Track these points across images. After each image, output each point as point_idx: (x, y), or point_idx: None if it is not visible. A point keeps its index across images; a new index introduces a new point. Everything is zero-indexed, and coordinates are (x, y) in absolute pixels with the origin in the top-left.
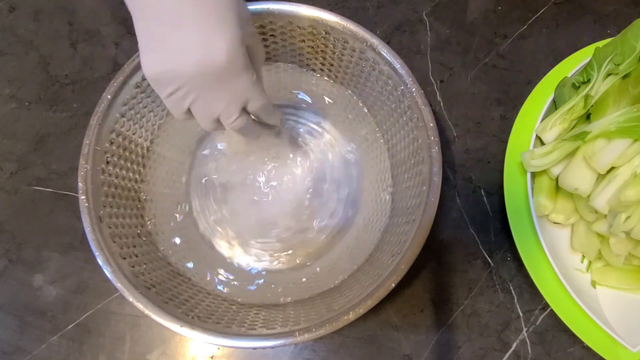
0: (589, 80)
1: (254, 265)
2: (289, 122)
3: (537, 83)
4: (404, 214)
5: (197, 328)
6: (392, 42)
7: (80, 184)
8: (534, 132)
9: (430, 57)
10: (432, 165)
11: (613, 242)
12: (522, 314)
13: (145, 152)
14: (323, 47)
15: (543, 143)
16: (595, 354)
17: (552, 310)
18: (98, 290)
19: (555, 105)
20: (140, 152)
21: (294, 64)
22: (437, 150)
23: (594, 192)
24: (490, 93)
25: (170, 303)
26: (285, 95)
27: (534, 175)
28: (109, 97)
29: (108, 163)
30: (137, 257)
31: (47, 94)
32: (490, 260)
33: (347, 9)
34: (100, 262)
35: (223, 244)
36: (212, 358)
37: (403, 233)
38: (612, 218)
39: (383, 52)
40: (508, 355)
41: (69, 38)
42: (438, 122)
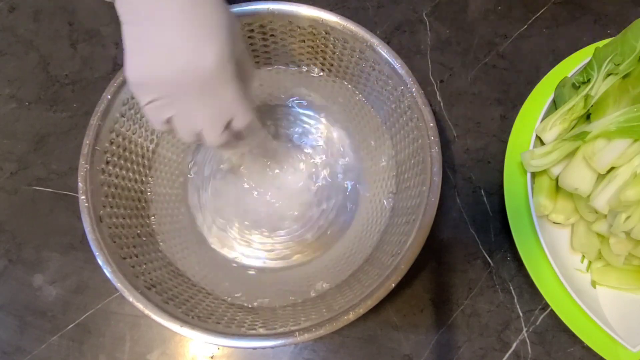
0: (589, 80)
1: (254, 265)
2: (289, 122)
3: (537, 83)
4: (404, 214)
5: (197, 328)
6: (392, 42)
7: (80, 184)
8: (534, 132)
9: (430, 57)
10: (432, 165)
11: (613, 242)
12: (522, 314)
13: (145, 151)
14: (323, 47)
15: (543, 143)
16: (595, 354)
17: (552, 310)
18: (98, 290)
19: (555, 105)
20: (140, 152)
21: (294, 64)
22: (437, 150)
23: (594, 192)
24: (490, 93)
25: (170, 303)
26: (285, 95)
27: (534, 175)
28: (109, 97)
29: (108, 163)
30: (137, 257)
31: (47, 94)
32: (490, 260)
33: (347, 9)
34: (100, 262)
35: (223, 244)
36: (212, 358)
37: (403, 233)
38: (612, 218)
39: (383, 52)
40: (508, 355)
41: (69, 38)
42: (438, 122)
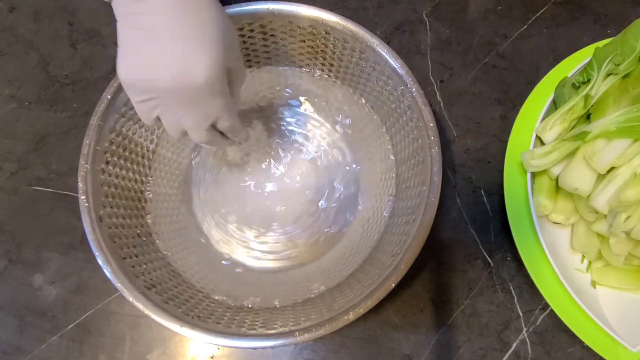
0: (589, 80)
1: (254, 265)
2: (289, 122)
3: (537, 83)
4: (404, 214)
5: (197, 328)
6: (392, 42)
7: (80, 184)
8: (534, 132)
9: (430, 57)
10: (432, 165)
11: (613, 242)
12: (522, 314)
13: (145, 151)
14: (323, 47)
15: (543, 143)
16: (595, 354)
17: (552, 310)
18: (98, 290)
19: (555, 105)
20: (140, 151)
21: (294, 64)
22: (437, 150)
23: (594, 192)
24: (490, 93)
25: (171, 303)
26: (285, 95)
27: (534, 175)
28: (109, 97)
29: (108, 163)
30: (137, 257)
31: (47, 94)
32: (490, 260)
33: (347, 9)
34: (100, 262)
35: (223, 244)
36: (212, 358)
37: (403, 233)
38: (612, 218)
39: (383, 52)
40: (508, 355)
41: (69, 38)
42: (438, 122)
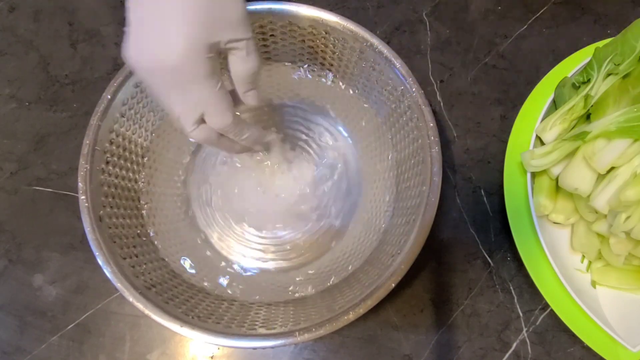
0: (589, 80)
1: (254, 265)
2: (288, 122)
3: (537, 83)
4: (404, 214)
5: (197, 328)
6: (392, 42)
7: (80, 184)
8: (534, 132)
9: (430, 57)
10: (432, 165)
11: (613, 242)
12: (522, 314)
13: (145, 152)
14: (323, 47)
15: (543, 143)
16: (595, 354)
17: (552, 310)
18: (98, 290)
19: (555, 105)
20: (140, 152)
21: (294, 64)
22: (437, 150)
23: (594, 192)
24: (490, 93)
25: (171, 303)
26: (285, 95)
27: (534, 175)
28: (109, 97)
29: (108, 163)
30: (137, 257)
31: (47, 94)
32: (490, 260)
33: (347, 9)
34: (100, 262)
35: (223, 243)
36: (212, 358)
37: (403, 233)
38: (612, 218)
39: (383, 52)
40: (508, 355)
41: (69, 38)
42: (438, 122)
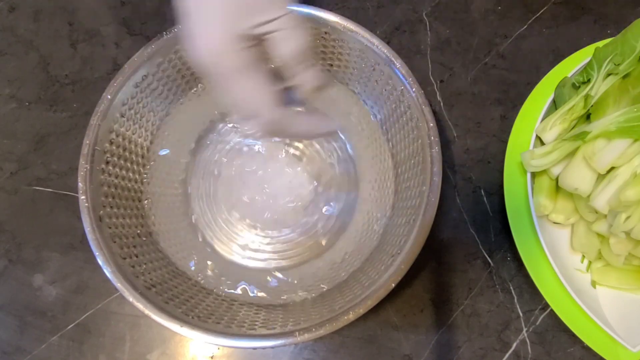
0: (589, 80)
1: (254, 265)
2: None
3: (537, 83)
4: (404, 214)
5: (197, 328)
6: (392, 42)
7: (80, 184)
8: (534, 132)
9: (430, 57)
10: (432, 165)
11: (613, 242)
12: (522, 314)
13: (145, 152)
14: (323, 47)
15: (543, 143)
16: (595, 354)
17: (552, 310)
18: (98, 290)
19: (555, 105)
20: (140, 152)
21: None
22: (437, 150)
23: (594, 192)
24: (490, 93)
25: (171, 303)
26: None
27: (534, 175)
28: (109, 97)
29: (108, 163)
30: (137, 257)
31: (47, 94)
32: (490, 260)
33: (347, 9)
34: (100, 262)
35: (223, 243)
36: (212, 358)
37: (403, 233)
38: (612, 218)
39: (383, 52)
40: (508, 355)
41: (69, 38)
42: (438, 122)
